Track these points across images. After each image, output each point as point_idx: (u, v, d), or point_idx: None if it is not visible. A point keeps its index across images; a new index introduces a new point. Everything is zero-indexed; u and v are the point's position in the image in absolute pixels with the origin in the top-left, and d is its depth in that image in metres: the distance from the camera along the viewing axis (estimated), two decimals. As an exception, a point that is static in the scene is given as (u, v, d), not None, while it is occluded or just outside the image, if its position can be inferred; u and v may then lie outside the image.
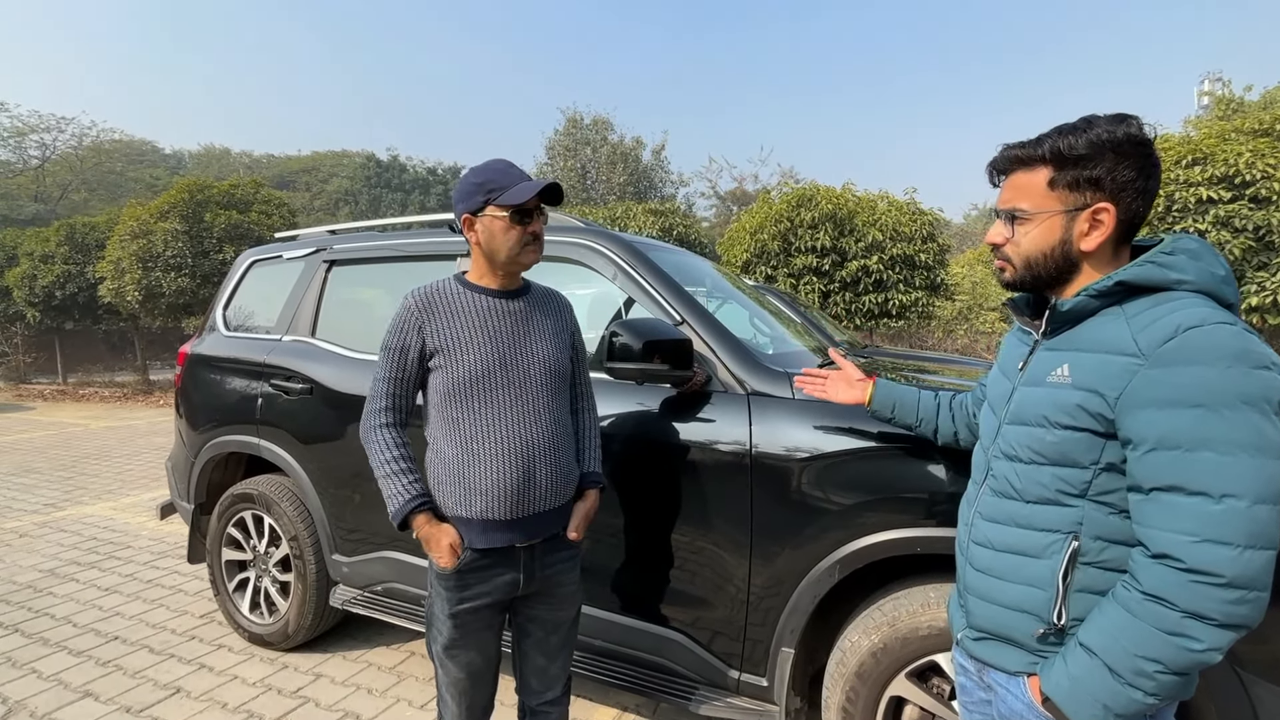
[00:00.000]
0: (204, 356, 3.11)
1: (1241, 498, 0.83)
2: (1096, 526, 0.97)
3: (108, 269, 11.77)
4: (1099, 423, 0.93)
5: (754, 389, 1.93)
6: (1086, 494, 0.97)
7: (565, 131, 26.19)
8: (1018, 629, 1.03)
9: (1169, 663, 0.87)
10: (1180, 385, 0.86)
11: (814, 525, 1.79)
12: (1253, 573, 0.84)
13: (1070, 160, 0.97)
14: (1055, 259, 1.02)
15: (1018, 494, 1.04)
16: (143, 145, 37.12)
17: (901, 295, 8.17)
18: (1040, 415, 1.00)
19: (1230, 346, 0.86)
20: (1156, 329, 0.90)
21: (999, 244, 1.07)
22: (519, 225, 1.50)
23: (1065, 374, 0.98)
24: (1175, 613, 0.86)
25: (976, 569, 1.10)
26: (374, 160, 35.02)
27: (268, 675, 2.67)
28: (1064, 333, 1.03)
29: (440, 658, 1.61)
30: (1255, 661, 1.40)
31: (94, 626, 3.09)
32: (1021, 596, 1.02)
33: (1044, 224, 1.00)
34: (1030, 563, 1.01)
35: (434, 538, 1.51)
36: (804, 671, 1.92)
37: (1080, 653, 0.94)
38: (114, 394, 13.45)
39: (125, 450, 7.66)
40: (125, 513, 5.05)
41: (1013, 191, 1.04)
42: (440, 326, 1.53)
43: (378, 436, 1.55)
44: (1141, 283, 0.95)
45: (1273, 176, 5.32)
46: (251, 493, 2.83)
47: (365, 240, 2.90)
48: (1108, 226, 0.98)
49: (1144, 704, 0.90)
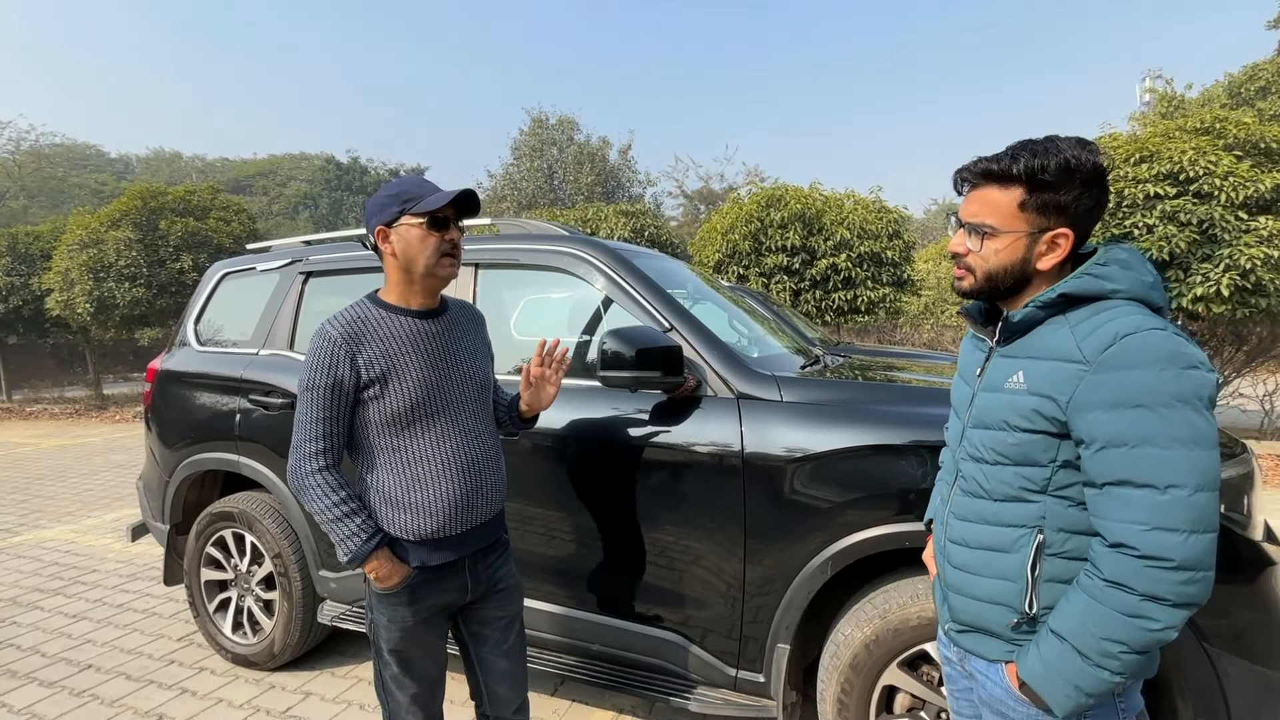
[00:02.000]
0: (176, 373, 3.02)
1: (1184, 487, 0.91)
2: (1058, 519, 1.03)
3: (55, 280, 11.25)
4: (1053, 425, 1.00)
5: (742, 392, 1.98)
6: (1047, 490, 1.04)
7: (531, 132, 25.96)
8: (994, 620, 1.10)
9: (1131, 642, 0.94)
10: (1121, 388, 0.94)
11: (805, 524, 1.84)
12: (1198, 555, 0.92)
13: (1042, 184, 1.01)
14: (1014, 275, 1.08)
15: (986, 493, 1.10)
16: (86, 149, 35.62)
17: (870, 292, 8.35)
18: (1001, 419, 1.07)
19: (1163, 350, 0.93)
20: (1097, 337, 0.97)
21: (962, 254, 1.11)
22: (436, 233, 1.47)
23: (1020, 380, 1.05)
24: (1134, 596, 0.93)
25: (954, 566, 1.16)
26: (334, 163, 34.23)
27: (255, 696, 2.61)
28: (1016, 341, 1.09)
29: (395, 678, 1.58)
30: (1221, 636, 1.51)
31: (64, 655, 2.98)
32: (994, 589, 1.09)
33: (1010, 242, 1.05)
34: (1001, 557, 1.08)
35: (389, 576, 1.49)
36: (799, 666, 1.97)
37: (1051, 639, 1.00)
38: (64, 410, 12.86)
39: (81, 469, 7.36)
40: (87, 535, 4.86)
41: (983, 206, 1.07)
42: (374, 355, 1.46)
43: (317, 480, 1.46)
44: (1081, 293, 1.02)
45: (1213, 173, 5.61)
46: (232, 510, 2.77)
47: (342, 251, 2.86)
48: (1064, 250, 1.05)
49: (1111, 682, 0.97)
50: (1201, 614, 1.49)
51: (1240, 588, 1.54)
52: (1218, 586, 1.51)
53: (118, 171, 35.87)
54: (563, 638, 2.19)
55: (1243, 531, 1.58)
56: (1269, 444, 6.60)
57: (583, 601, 2.17)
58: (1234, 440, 1.89)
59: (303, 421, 1.47)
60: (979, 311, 1.20)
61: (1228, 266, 5.49)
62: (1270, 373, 7.40)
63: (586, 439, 2.13)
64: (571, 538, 2.16)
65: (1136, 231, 5.78)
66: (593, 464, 2.14)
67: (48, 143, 29.88)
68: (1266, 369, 7.40)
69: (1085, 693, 0.98)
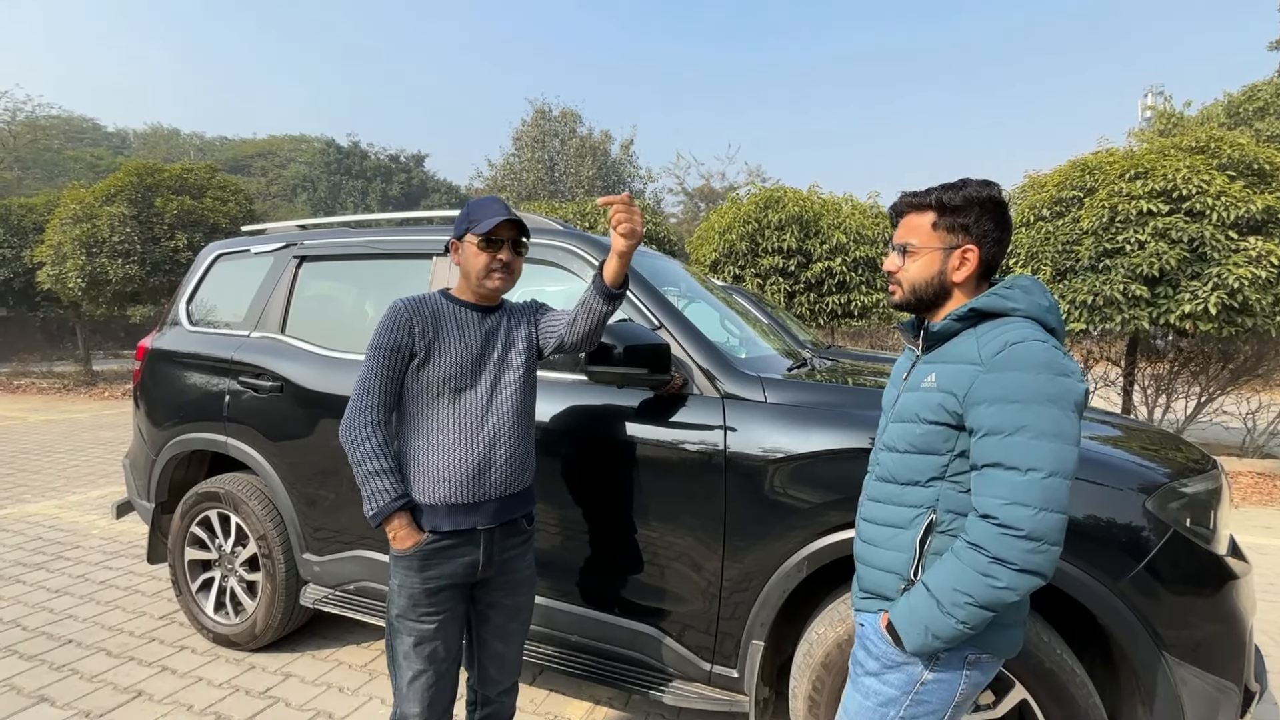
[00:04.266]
0: (166, 351, 3.02)
1: (1040, 471, 1.07)
2: (949, 502, 1.21)
3: (47, 254, 11.17)
4: (953, 418, 1.18)
5: (728, 392, 2.01)
6: (944, 476, 1.21)
7: (533, 123, 25.92)
8: (887, 586, 1.27)
9: (976, 595, 1.10)
10: (1002, 386, 1.11)
11: (784, 523, 1.87)
12: (1044, 529, 1.07)
13: (949, 209, 1.24)
14: (934, 286, 1.28)
15: (893, 478, 1.28)
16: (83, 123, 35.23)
17: (864, 297, 8.40)
18: (913, 413, 1.24)
19: (1040, 358, 1.11)
20: (991, 344, 1.16)
21: (893, 271, 1.32)
22: (487, 252, 1.69)
23: (933, 381, 1.22)
24: (985, 557, 1.10)
25: (862, 540, 1.35)
26: (334, 146, 33.99)
27: (234, 676, 2.63)
28: (935, 349, 1.28)
29: (405, 652, 1.65)
30: (1180, 646, 1.55)
31: (45, 630, 2.98)
32: (891, 560, 1.27)
33: (926, 257, 1.27)
34: (899, 533, 1.26)
35: (405, 539, 1.62)
36: (772, 663, 2.01)
37: (920, 589, 1.19)
38: (53, 385, 12.79)
39: (68, 445, 7.33)
40: (72, 511, 4.85)
41: (906, 230, 1.29)
42: (425, 328, 1.66)
43: (365, 434, 1.61)
44: (986, 309, 1.22)
45: (1206, 192, 5.66)
46: (218, 491, 2.78)
47: (337, 236, 2.87)
48: (972, 264, 1.25)
49: (955, 629, 1.13)
50: (1162, 624, 1.55)
51: (1201, 599, 1.59)
52: (1178, 596, 1.57)
53: (114, 146, 35.49)
54: (542, 628, 2.22)
55: (1206, 545, 1.62)
56: (1250, 461, 6.69)
57: (564, 593, 2.19)
58: (1205, 457, 1.93)
59: (363, 378, 1.65)
60: (911, 327, 1.38)
61: (1216, 285, 5.56)
62: (1254, 391, 7.50)
63: (572, 433, 2.15)
64: (554, 530, 2.18)
65: (1128, 247, 5.83)
66: (577, 458, 2.16)
67: (44, 114, 29.56)
68: (1250, 387, 7.49)
69: (934, 634, 1.15)
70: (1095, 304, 5.94)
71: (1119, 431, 2.09)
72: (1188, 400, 7.42)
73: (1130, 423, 2.40)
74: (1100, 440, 1.87)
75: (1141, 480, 1.65)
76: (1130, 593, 1.55)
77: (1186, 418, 7.29)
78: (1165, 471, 1.72)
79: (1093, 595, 1.57)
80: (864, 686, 1.29)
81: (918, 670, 1.22)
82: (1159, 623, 1.54)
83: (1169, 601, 1.56)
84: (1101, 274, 5.96)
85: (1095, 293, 5.91)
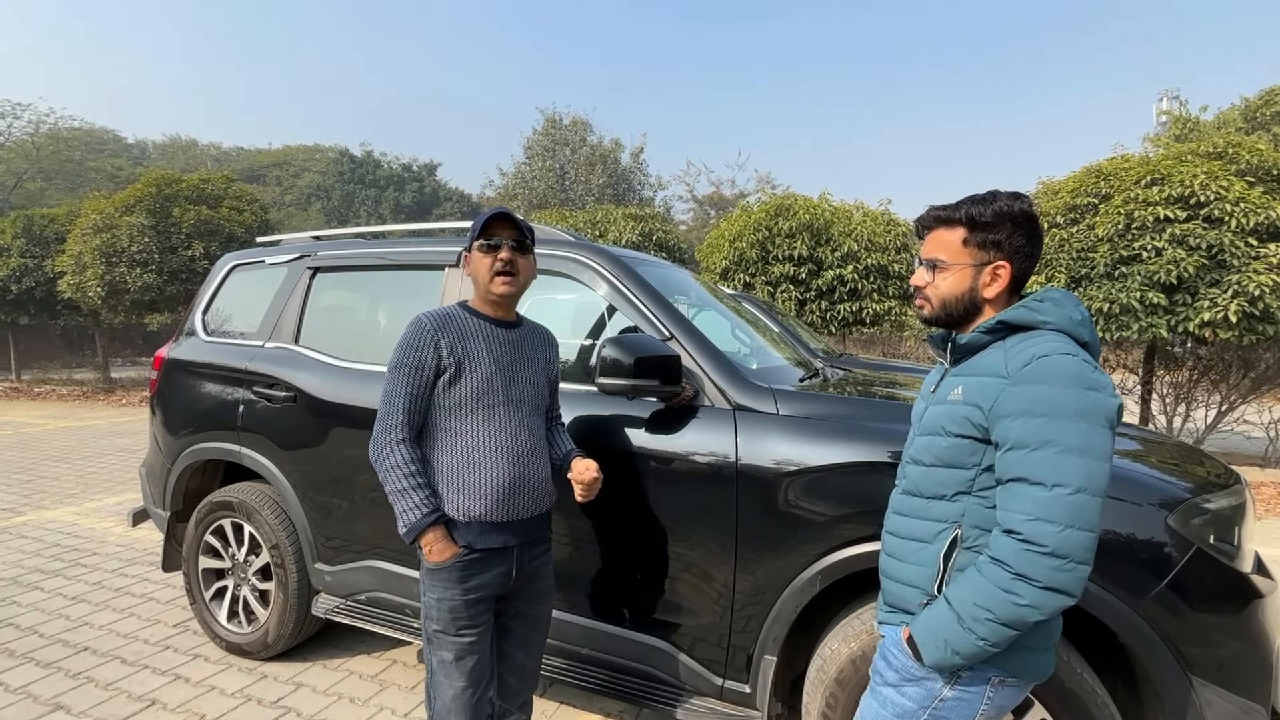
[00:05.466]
0: (182, 361, 3.06)
1: (1066, 487, 1.04)
2: (975, 517, 1.18)
3: (68, 263, 11.39)
4: (979, 430, 1.15)
5: (739, 403, 1.99)
6: (970, 490, 1.18)
7: (544, 132, 26.09)
8: (910, 601, 1.25)
9: (997, 612, 1.07)
10: (1030, 399, 1.08)
11: (797, 536, 1.85)
12: (1071, 546, 1.03)
13: (980, 225, 1.21)
14: (964, 302, 1.25)
15: (919, 491, 1.26)
16: (104, 134, 35.86)
17: (875, 304, 8.35)
18: (939, 426, 1.22)
19: (1068, 371, 1.08)
20: (1019, 357, 1.13)
21: (921, 286, 1.29)
22: (489, 254, 1.69)
23: (959, 393, 1.20)
24: (1007, 573, 1.07)
25: (886, 554, 1.33)
26: (347, 155, 34.38)
27: (247, 685, 2.64)
28: (964, 362, 1.26)
29: (443, 666, 1.65)
30: (1205, 666, 1.51)
31: (62, 637, 3.01)
32: (914, 574, 1.24)
33: (957, 273, 1.24)
34: (923, 547, 1.24)
35: (440, 552, 1.62)
36: (785, 678, 1.98)
37: (941, 603, 1.16)
38: (72, 392, 12.99)
39: (86, 452, 7.43)
40: (90, 518, 4.91)
41: (935, 245, 1.26)
42: (454, 343, 1.66)
43: (392, 452, 1.62)
44: (1015, 322, 1.18)
45: (1224, 198, 5.58)
46: (232, 500, 2.80)
47: (350, 247, 2.90)
48: (1004, 281, 1.22)
49: (975, 646, 1.10)
50: (1186, 643, 1.51)
51: (1226, 618, 1.55)
52: (1202, 615, 1.54)
53: (134, 157, 36.12)
54: (552, 640, 2.20)
55: (1231, 563, 1.58)
56: (1273, 472, 6.55)
57: (574, 605, 2.18)
58: (1228, 471, 1.89)
59: (388, 396, 1.64)
60: (940, 340, 1.35)
61: (1236, 292, 5.47)
62: (1277, 400, 7.35)
63: (582, 444, 2.14)
64: (565, 541, 2.17)
65: (1145, 254, 5.76)
66: (589, 469, 2.15)
67: (66, 126, 30.14)
68: (1273, 396, 7.35)
69: (954, 649, 1.12)
70: (1112, 311, 5.87)
71: (1139, 445, 2.05)
72: (1207, 409, 7.30)
73: (1150, 435, 2.36)
74: (1120, 454, 1.84)
75: (1163, 496, 1.62)
76: (1153, 611, 1.51)
77: (1207, 427, 7.16)
78: (1187, 487, 1.69)
79: (1114, 613, 1.53)
80: (881, 696, 1.28)
81: (937, 686, 1.20)
82: (1183, 642, 1.51)
83: (1193, 621, 1.52)
84: (1118, 281, 5.89)
85: (1111, 300, 5.84)
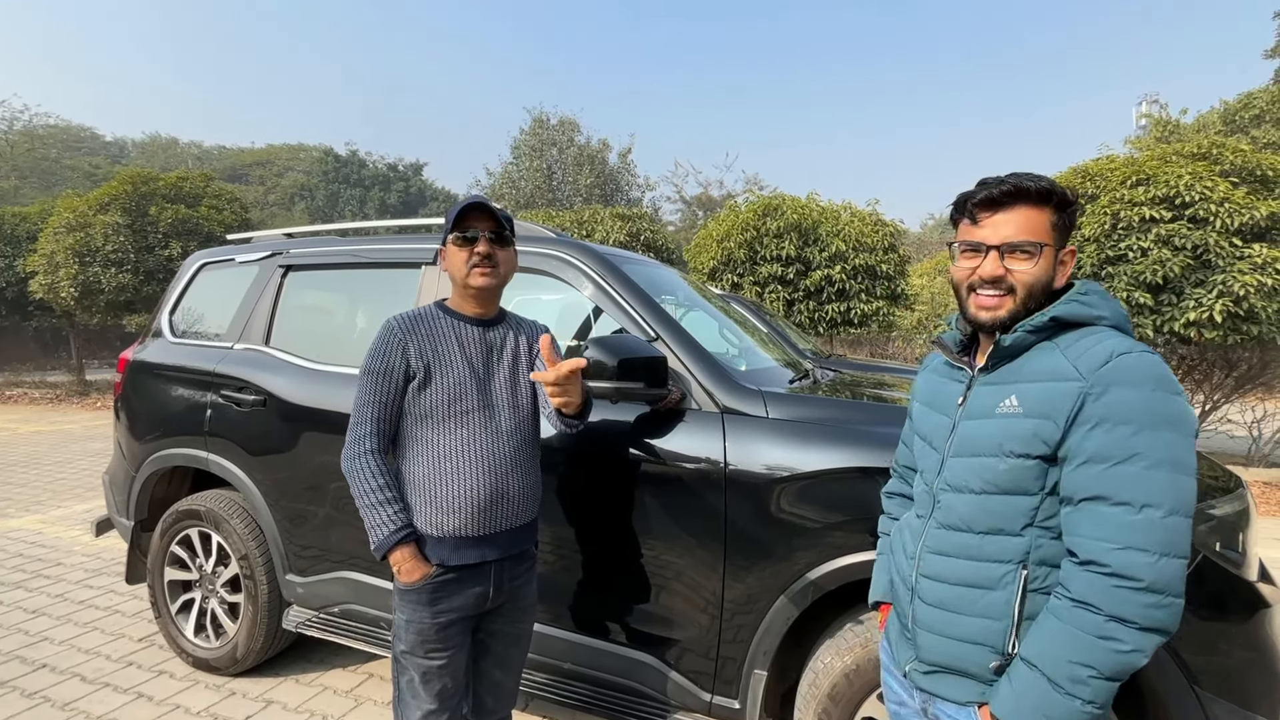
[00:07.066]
0: (148, 364, 2.93)
1: (1158, 508, 0.90)
2: (1041, 552, 1.01)
3: (40, 263, 11.08)
4: (1049, 447, 0.98)
5: (727, 406, 1.92)
6: (1034, 521, 1.01)
7: (531, 132, 25.91)
8: (972, 660, 1.05)
9: (1100, 666, 0.90)
10: (1113, 404, 0.93)
11: (788, 545, 1.78)
12: (1167, 579, 0.89)
13: (1067, 204, 1.06)
14: (1042, 294, 1.07)
15: (968, 526, 1.06)
16: (81, 132, 35.24)
17: (863, 305, 8.33)
18: (994, 444, 1.03)
19: (1155, 373, 0.94)
20: (1092, 355, 0.97)
21: (999, 276, 1.06)
22: (465, 247, 1.58)
23: (1014, 404, 1.02)
24: (1099, 616, 0.90)
25: (928, 603, 1.11)
26: (332, 155, 33.99)
27: (214, 703, 2.52)
28: (1001, 367, 1.08)
29: (410, 686, 1.57)
30: (1211, 678, 1.45)
31: (19, 653, 2.86)
32: (975, 628, 1.04)
33: (1046, 260, 1.06)
34: (984, 594, 1.04)
35: (410, 572, 1.52)
36: (776, 692, 1.91)
37: (1022, 667, 0.97)
38: (45, 395, 12.65)
39: (56, 457, 7.21)
40: (55, 526, 4.73)
41: (1019, 225, 1.05)
42: (423, 347, 1.56)
43: (363, 464, 1.53)
44: (1071, 318, 1.03)
45: (1209, 198, 5.61)
46: (199, 509, 2.68)
47: (324, 245, 2.78)
48: (1069, 267, 1.10)
49: (1082, 713, 0.92)
50: (1191, 654, 1.45)
51: (1233, 628, 1.49)
52: (1209, 625, 1.48)
53: (112, 155, 35.47)
54: (534, 654, 2.11)
55: (1237, 571, 1.53)
56: (1257, 471, 6.60)
57: (556, 617, 2.09)
58: (1230, 475, 1.85)
59: (357, 405, 1.57)
60: (954, 342, 1.20)
61: (1221, 292, 5.49)
62: (1259, 399, 7.42)
63: (564, 449, 2.06)
64: (546, 551, 2.08)
65: (1131, 254, 5.77)
66: (570, 476, 2.06)
67: (42, 123, 29.57)
68: (1255, 395, 7.42)
69: None
70: (1098, 312, 5.87)
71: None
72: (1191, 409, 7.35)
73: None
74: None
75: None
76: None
77: (1191, 426, 7.21)
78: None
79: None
80: None
81: None
82: (1189, 655, 1.44)
83: (1199, 631, 1.46)
84: (1104, 281, 5.90)
85: (1098, 300, 5.84)
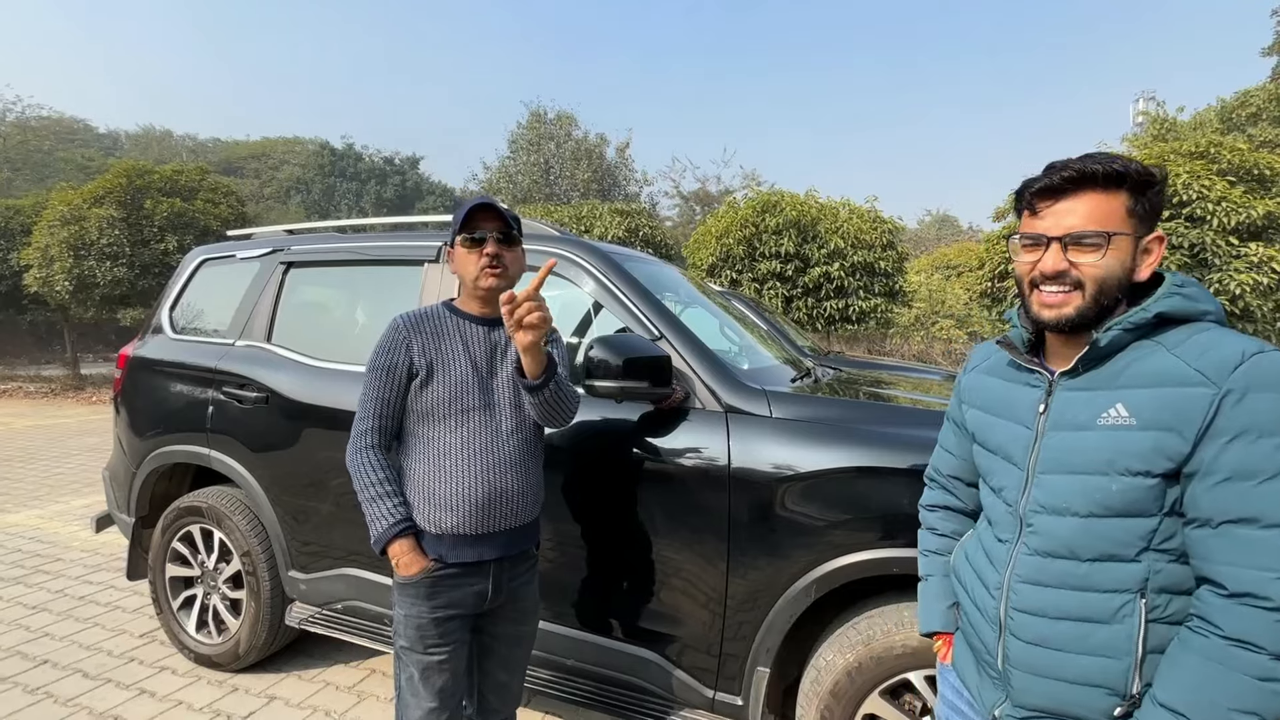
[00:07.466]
0: (148, 360, 2.92)
1: None
2: (1161, 579, 0.90)
3: (34, 256, 11.03)
4: (1172, 463, 0.86)
5: (731, 405, 1.92)
6: (1151, 544, 0.89)
7: (528, 126, 25.81)
8: (1086, 705, 0.93)
9: (1265, 712, 0.80)
10: (1256, 411, 0.82)
11: (791, 544, 1.79)
12: None
13: (1144, 186, 0.94)
14: (1118, 289, 0.95)
15: (1073, 553, 0.94)
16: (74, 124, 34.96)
17: (862, 301, 8.36)
18: (1104, 461, 0.91)
19: None
20: (1216, 355, 0.85)
21: (1061, 271, 0.95)
22: (473, 249, 1.58)
23: (1123, 414, 0.90)
24: (1263, 656, 0.79)
25: (1024, 641, 0.98)
26: (328, 148, 33.82)
27: (216, 699, 2.53)
28: (1090, 371, 0.96)
29: (409, 683, 1.57)
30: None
31: (20, 649, 2.87)
32: (1090, 668, 0.92)
33: (1119, 250, 0.93)
34: (1097, 629, 0.92)
35: (408, 565, 1.53)
36: (778, 688, 1.92)
37: (1162, 714, 0.85)
38: (40, 390, 12.60)
39: (53, 452, 7.18)
40: (54, 522, 4.72)
41: (1091, 211, 0.93)
42: (426, 345, 1.57)
43: (363, 459, 1.55)
44: (1178, 314, 0.92)
45: (1206, 197, 5.65)
46: (200, 506, 2.68)
47: (325, 242, 2.78)
48: (1157, 256, 0.96)
49: None
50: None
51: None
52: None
53: (105, 147, 35.17)
54: (537, 651, 2.12)
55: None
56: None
57: (558, 614, 2.10)
58: None
59: (362, 401, 1.58)
60: (1021, 341, 1.06)
61: (1218, 291, 5.53)
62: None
63: (568, 448, 2.07)
64: (550, 549, 2.09)
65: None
66: (573, 474, 2.07)
67: (34, 115, 29.32)
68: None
69: None
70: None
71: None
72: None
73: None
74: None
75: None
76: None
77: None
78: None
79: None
80: None
81: None
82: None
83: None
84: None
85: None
